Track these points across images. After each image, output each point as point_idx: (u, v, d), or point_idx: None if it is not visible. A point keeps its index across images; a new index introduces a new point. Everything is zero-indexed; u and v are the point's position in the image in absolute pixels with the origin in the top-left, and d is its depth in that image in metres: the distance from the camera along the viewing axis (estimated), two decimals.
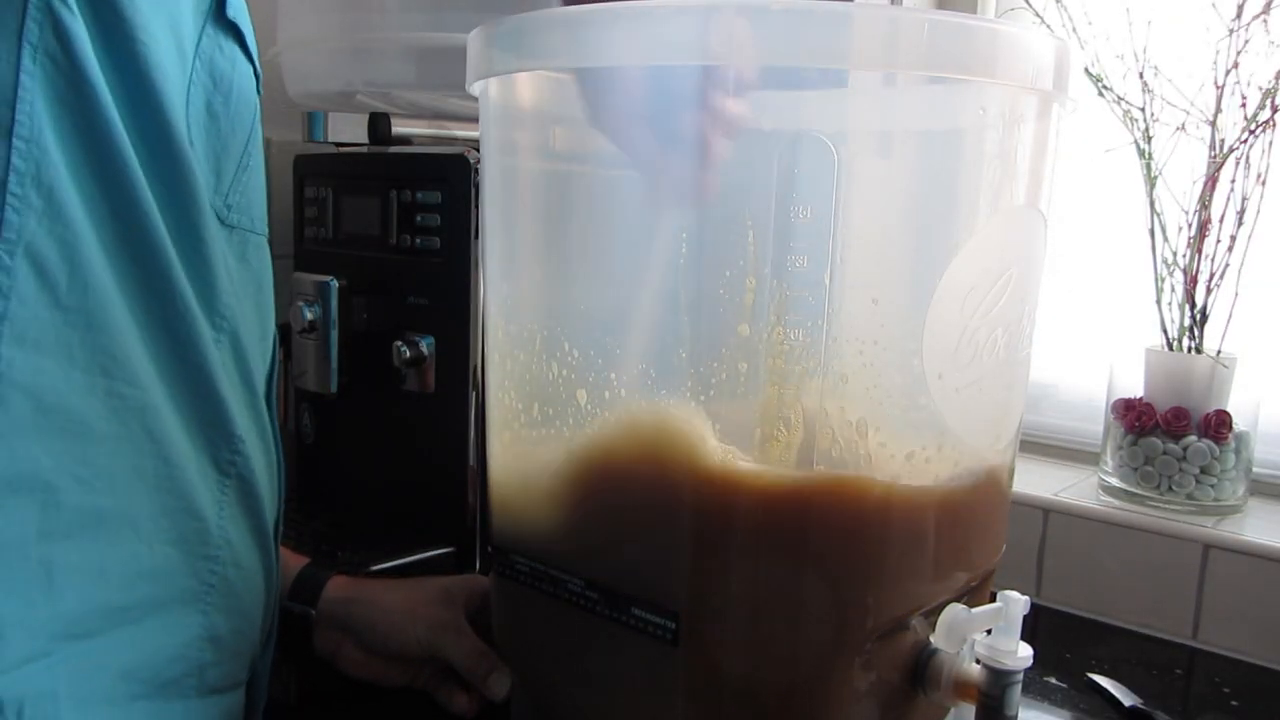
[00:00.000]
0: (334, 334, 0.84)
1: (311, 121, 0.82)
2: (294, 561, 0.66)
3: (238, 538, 0.49)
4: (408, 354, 0.80)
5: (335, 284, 0.83)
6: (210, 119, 0.47)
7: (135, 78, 0.43)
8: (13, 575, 0.40)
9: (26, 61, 0.39)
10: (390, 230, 0.82)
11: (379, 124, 0.81)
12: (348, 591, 0.65)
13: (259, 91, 0.51)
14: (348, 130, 0.82)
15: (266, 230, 0.53)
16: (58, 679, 0.41)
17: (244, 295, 0.50)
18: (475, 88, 0.56)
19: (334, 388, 0.85)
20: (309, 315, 0.83)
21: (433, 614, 0.64)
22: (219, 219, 0.48)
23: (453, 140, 0.86)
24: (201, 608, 0.47)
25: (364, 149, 0.85)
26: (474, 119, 0.66)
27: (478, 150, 0.77)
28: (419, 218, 0.80)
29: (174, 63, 0.45)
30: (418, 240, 0.80)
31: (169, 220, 0.44)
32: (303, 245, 0.92)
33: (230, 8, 0.48)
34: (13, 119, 0.39)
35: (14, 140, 0.39)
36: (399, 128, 0.82)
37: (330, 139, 0.82)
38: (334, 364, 0.84)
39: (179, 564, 0.46)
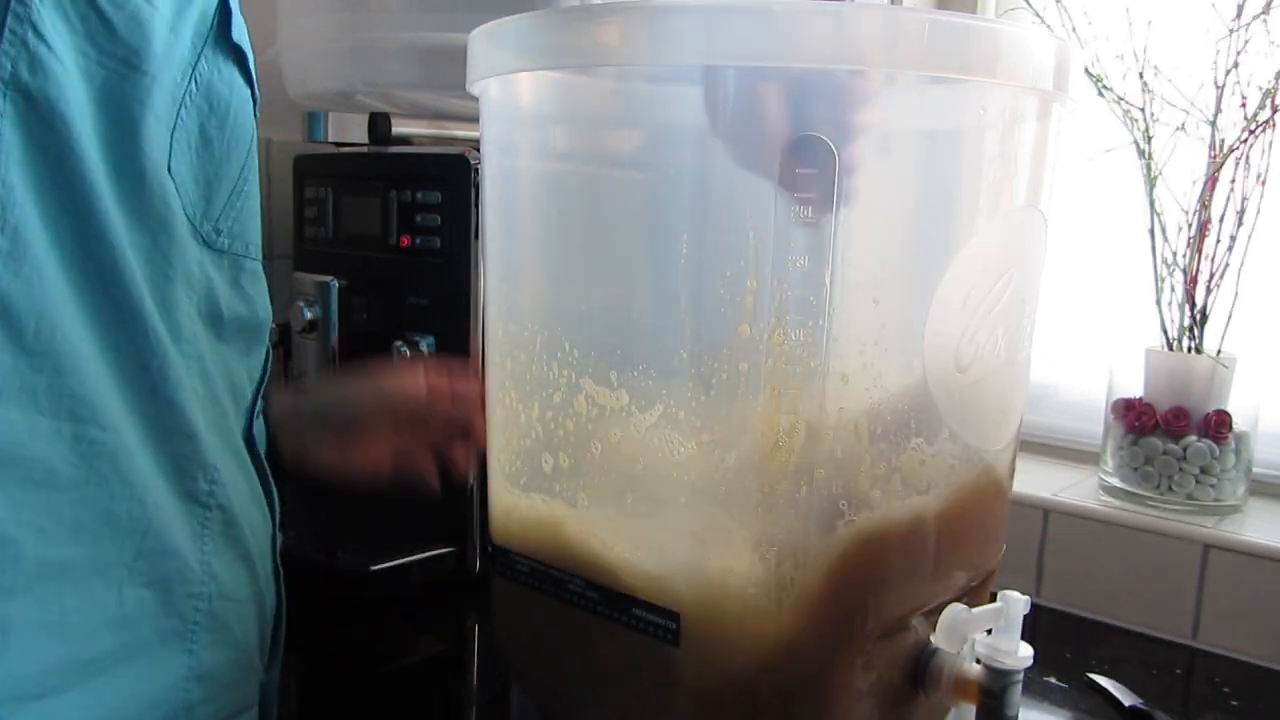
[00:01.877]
0: (334, 334, 0.84)
1: (311, 121, 0.82)
2: None
3: (223, 569, 0.47)
4: (408, 354, 0.80)
5: (335, 284, 0.83)
6: (203, 143, 0.46)
7: (111, 108, 0.41)
8: None
9: None
10: (390, 230, 0.82)
11: (379, 124, 0.82)
12: (291, 394, 0.65)
13: (256, 115, 0.50)
14: (348, 130, 0.82)
15: (260, 255, 0.52)
16: None
17: (230, 319, 0.49)
18: (475, 88, 0.56)
19: None
20: (309, 315, 0.83)
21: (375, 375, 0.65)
22: (207, 244, 0.47)
23: (453, 140, 0.86)
24: (187, 646, 0.45)
25: (364, 149, 0.85)
26: (474, 119, 0.66)
27: (478, 150, 0.77)
28: (419, 218, 0.80)
29: (157, 89, 0.43)
30: (418, 240, 0.80)
31: (139, 252, 0.43)
32: (303, 245, 0.92)
33: (234, 30, 0.47)
34: None
35: None
36: (399, 128, 0.82)
37: (330, 139, 0.82)
38: (334, 364, 0.84)
39: (156, 606, 0.44)
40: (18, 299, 0.39)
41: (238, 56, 0.48)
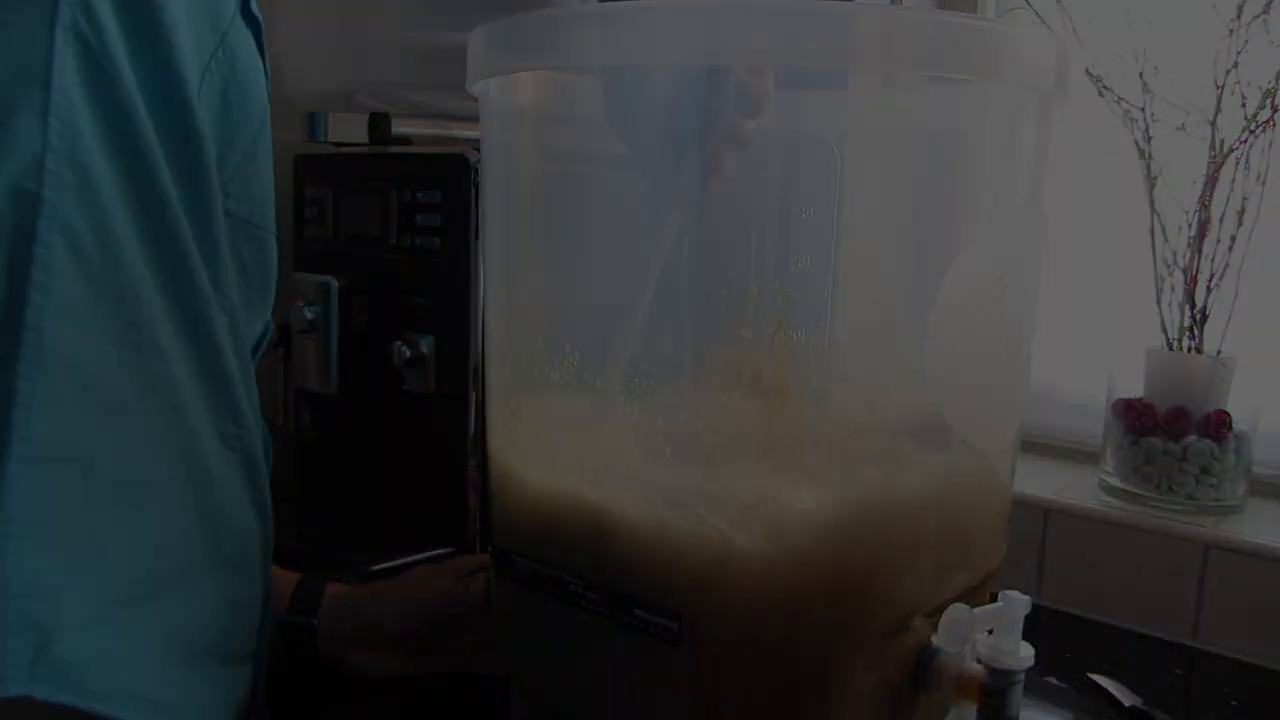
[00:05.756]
0: (334, 334, 0.84)
1: (311, 121, 0.82)
2: (290, 576, 0.67)
3: (244, 509, 0.50)
4: (408, 354, 0.80)
5: (335, 284, 0.83)
6: (223, 108, 0.48)
7: (159, 61, 0.44)
8: (65, 544, 0.41)
9: (59, 44, 0.41)
10: (390, 230, 0.82)
11: (379, 124, 0.81)
12: (344, 596, 0.66)
13: (268, 90, 0.53)
14: (348, 130, 0.82)
15: (273, 227, 0.54)
16: (117, 640, 0.42)
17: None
18: (475, 88, 0.56)
19: (334, 388, 0.85)
20: (309, 315, 0.83)
21: (422, 585, 0.65)
22: None
23: (453, 140, 0.86)
24: (224, 576, 0.48)
25: (364, 149, 0.85)
26: (474, 119, 0.66)
27: (478, 150, 0.77)
28: (419, 218, 0.80)
29: (193, 47, 0.46)
30: (418, 240, 0.80)
31: (182, 199, 0.45)
32: (303, 245, 0.92)
33: (253, 1, 0.50)
34: (48, 98, 0.40)
35: (50, 119, 0.40)
36: (399, 128, 0.82)
37: (330, 139, 0.82)
38: (334, 364, 0.84)
39: (202, 533, 0.47)
40: (86, 231, 0.42)
41: (255, 29, 0.51)
